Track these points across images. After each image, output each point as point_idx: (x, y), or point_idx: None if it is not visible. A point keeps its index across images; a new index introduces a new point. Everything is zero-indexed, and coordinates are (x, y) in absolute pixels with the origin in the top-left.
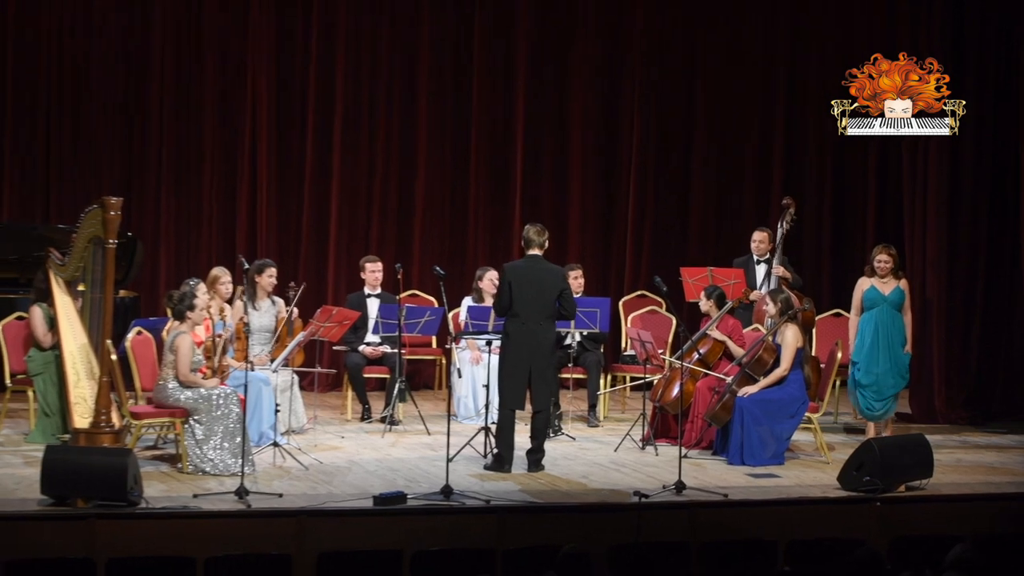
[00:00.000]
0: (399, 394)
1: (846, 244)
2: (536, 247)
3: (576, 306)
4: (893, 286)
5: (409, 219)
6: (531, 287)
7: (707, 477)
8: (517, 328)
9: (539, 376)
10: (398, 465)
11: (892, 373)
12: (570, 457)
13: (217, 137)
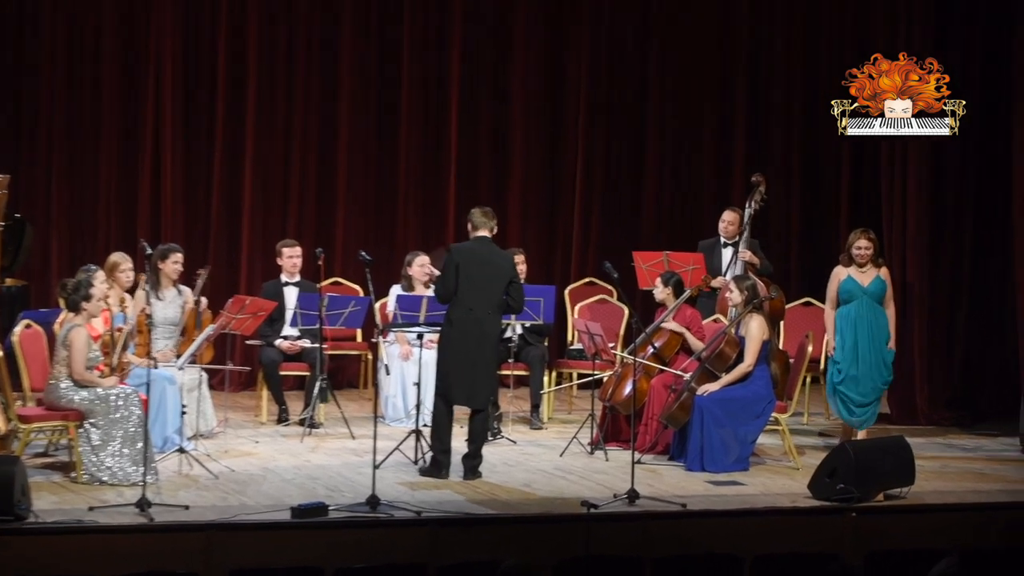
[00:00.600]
0: (320, 393)
1: (817, 227)
2: (485, 229)
3: (524, 298)
4: (873, 275)
5: (331, 200)
6: (480, 272)
7: (663, 485)
8: (463, 316)
9: (483, 371)
10: (319, 473)
11: (876, 374)
12: (511, 463)
13: (116, 109)
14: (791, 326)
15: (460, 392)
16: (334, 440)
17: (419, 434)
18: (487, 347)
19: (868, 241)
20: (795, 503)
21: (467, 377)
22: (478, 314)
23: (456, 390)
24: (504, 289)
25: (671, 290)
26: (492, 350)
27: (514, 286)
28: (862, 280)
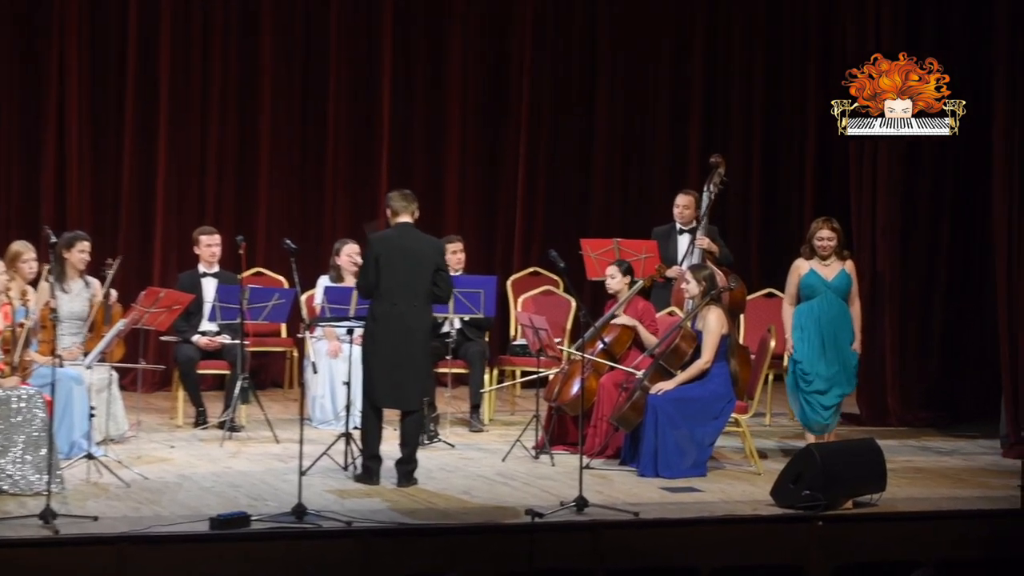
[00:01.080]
0: (241, 394)
1: (780, 213)
2: (405, 214)
3: (452, 286)
4: (837, 269)
5: (252, 184)
6: (402, 261)
7: (614, 491)
8: (385, 311)
9: (410, 369)
10: (240, 480)
11: (840, 376)
12: (449, 468)
13: (15, 82)
14: (752, 319)
15: (385, 394)
16: (257, 445)
17: (349, 437)
18: (414, 343)
19: (832, 231)
20: (756, 511)
21: (392, 377)
22: (401, 308)
23: (380, 392)
24: (430, 278)
25: (628, 279)
26: (421, 346)
27: (441, 274)
28: (825, 274)
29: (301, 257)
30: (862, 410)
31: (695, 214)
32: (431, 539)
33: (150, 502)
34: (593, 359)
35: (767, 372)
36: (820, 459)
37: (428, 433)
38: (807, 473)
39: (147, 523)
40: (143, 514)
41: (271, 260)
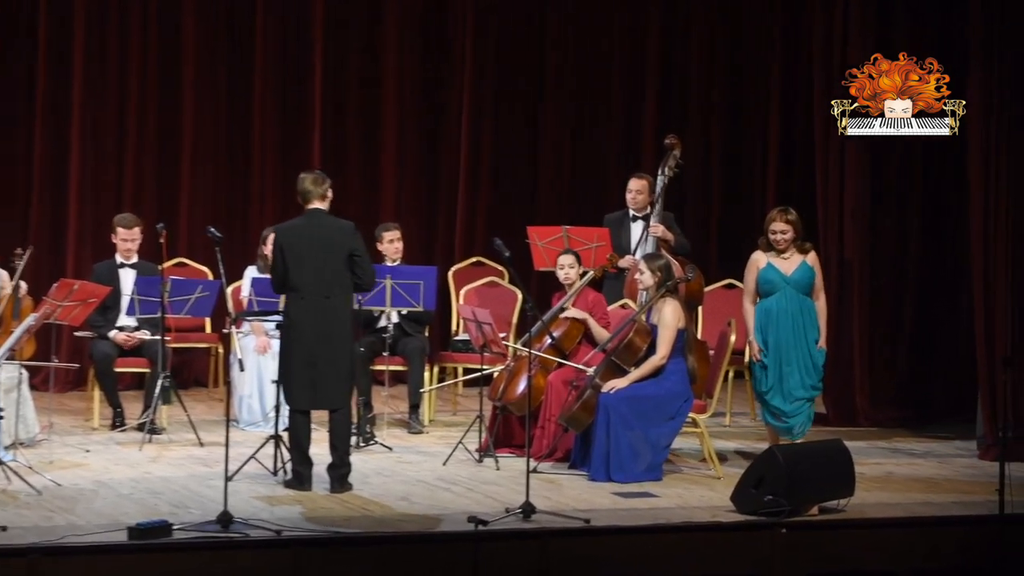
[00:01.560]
0: (162, 393)
1: (741, 198)
2: (316, 199)
3: (375, 273)
4: (798, 262)
5: (173, 167)
6: (310, 251)
7: (563, 497)
8: (296, 305)
9: (327, 367)
10: (161, 486)
11: (805, 377)
12: (386, 473)
13: None
14: (711, 312)
15: (301, 394)
16: (179, 448)
17: (279, 440)
18: (331, 339)
19: (786, 223)
20: (716, 517)
21: (307, 376)
22: (312, 301)
23: (297, 392)
24: (344, 266)
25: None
26: (339, 340)
27: (357, 260)
28: (785, 268)
29: (226, 246)
30: (828, 409)
31: (649, 199)
32: (366, 549)
33: (63, 510)
34: (541, 355)
35: (727, 369)
36: (784, 462)
37: (364, 435)
38: (770, 477)
39: (60, 533)
40: (56, 523)
41: (194, 249)
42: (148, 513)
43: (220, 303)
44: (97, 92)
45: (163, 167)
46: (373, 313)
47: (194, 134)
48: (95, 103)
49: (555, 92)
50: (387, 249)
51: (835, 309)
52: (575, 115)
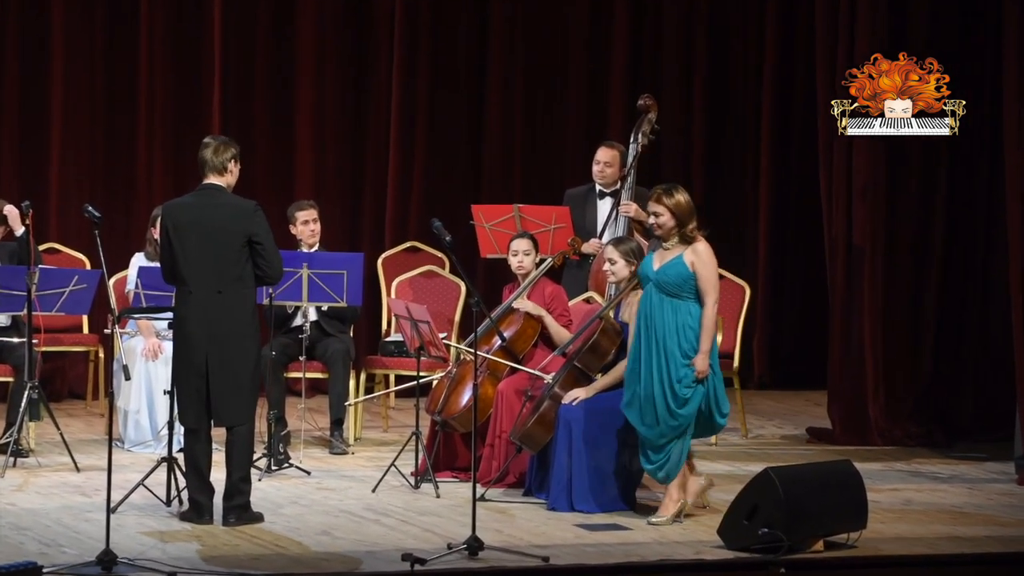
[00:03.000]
0: (29, 407)
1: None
2: (214, 172)
3: (282, 262)
4: (674, 254)
5: (42, 133)
6: (200, 235)
7: (516, 530)
8: (183, 301)
9: (221, 375)
10: (28, 520)
11: (650, 401)
12: (302, 502)
13: None
14: None
15: (191, 409)
16: (50, 473)
17: (173, 463)
18: (226, 341)
19: (663, 207)
20: (700, 555)
21: (194, 387)
22: (201, 296)
23: (186, 407)
24: (241, 255)
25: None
26: (237, 343)
27: (258, 248)
28: (655, 260)
29: (107, 228)
30: (835, 424)
31: (619, 173)
32: None
33: None
34: (489, 358)
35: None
36: (782, 487)
37: (276, 457)
38: (765, 506)
39: None
40: None
41: (67, 232)
42: (12, 554)
43: (100, 297)
44: None
45: (28, 134)
46: (286, 309)
47: (65, 93)
48: None
49: (503, 39)
50: (302, 232)
51: (843, 304)
52: (526, 71)
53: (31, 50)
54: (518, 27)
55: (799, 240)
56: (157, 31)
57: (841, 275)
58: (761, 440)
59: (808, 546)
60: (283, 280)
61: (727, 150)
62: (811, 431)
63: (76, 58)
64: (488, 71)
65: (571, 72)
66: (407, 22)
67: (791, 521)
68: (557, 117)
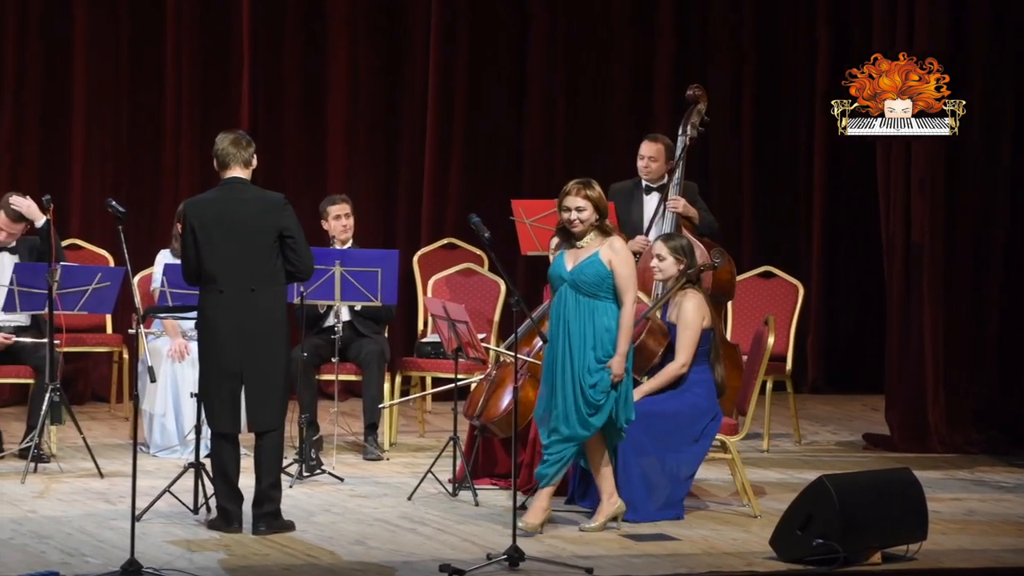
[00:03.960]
0: (51, 411)
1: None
2: (238, 165)
3: (313, 257)
4: (589, 252)
5: (63, 124)
6: (228, 231)
7: (559, 540)
8: (212, 302)
9: (255, 379)
10: (50, 529)
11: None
12: (335, 510)
13: None
14: (743, 308)
15: (222, 414)
16: (72, 480)
17: (200, 469)
18: (258, 341)
19: (585, 199)
20: (751, 567)
21: (228, 390)
22: (232, 294)
23: (219, 411)
24: (272, 250)
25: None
26: (269, 344)
27: (289, 242)
28: (568, 260)
29: (132, 224)
30: (893, 431)
31: (666, 167)
32: None
33: None
34: (531, 361)
35: (764, 379)
36: (837, 496)
37: (308, 462)
38: (820, 515)
39: None
40: None
41: (90, 228)
42: (33, 563)
43: (124, 296)
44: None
45: (49, 124)
46: (318, 309)
47: (88, 83)
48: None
49: (545, 26)
50: (334, 228)
51: (901, 305)
52: (569, 61)
53: (54, 42)
54: (560, 13)
55: (854, 237)
56: (184, 21)
57: (899, 273)
58: (815, 447)
59: (865, 558)
60: (315, 278)
61: (778, 143)
62: (868, 437)
63: (100, 50)
64: (529, 59)
65: (615, 61)
66: (444, 8)
67: (847, 532)
68: (601, 108)
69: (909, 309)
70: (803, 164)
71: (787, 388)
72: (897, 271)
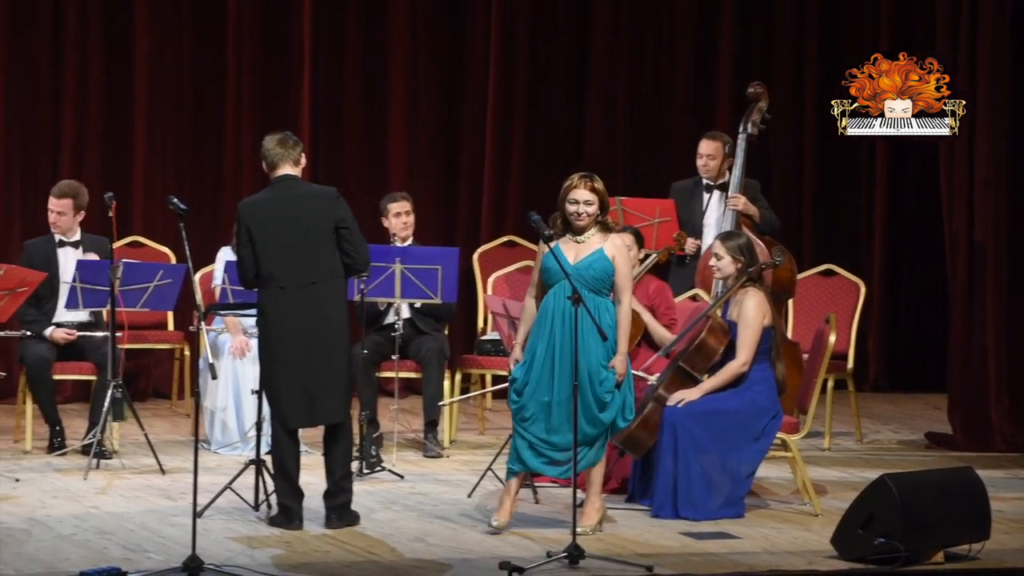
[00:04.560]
0: (113, 407)
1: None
2: (288, 164)
3: (368, 249)
4: (592, 247)
5: (125, 121)
6: (285, 228)
7: (619, 538)
8: (273, 299)
9: (320, 373)
10: (112, 525)
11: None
12: (396, 506)
13: None
14: (804, 306)
15: (292, 409)
16: (134, 476)
17: (261, 466)
18: (320, 336)
19: (592, 193)
20: (813, 565)
21: (296, 386)
22: (293, 291)
23: (289, 407)
24: (330, 244)
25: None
26: (333, 338)
27: (345, 233)
28: (572, 254)
29: (193, 221)
30: (956, 430)
31: (725, 164)
32: None
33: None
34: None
35: (825, 377)
36: (899, 495)
37: (368, 459)
38: (882, 514)
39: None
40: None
41: (152, 226)
42: (95, 559)
43: (186, 293)
44: (24, 33)
45: (111, 122)
46: (378, 306)
47: (150, 82)
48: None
49: (606, 23)
50: (394, 225)
51: (964, 303)
52: (632, 54)
53: (116, 39)
54: (622, 10)
55: (917, 235)
56: (245, 18)
57: (962, 272)
58: (877, 445)
59: (927, 557)
60: (375, 276)
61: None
62: (930, 436)
63: (161, 49)
64: (590, 56)
65: (677, 58)
66: (504, 9)
67: (909, 531)
68: (662, 104)
69: (972, 308)
70: (865, 162)
71: (848, 386)
72: (960, 270)
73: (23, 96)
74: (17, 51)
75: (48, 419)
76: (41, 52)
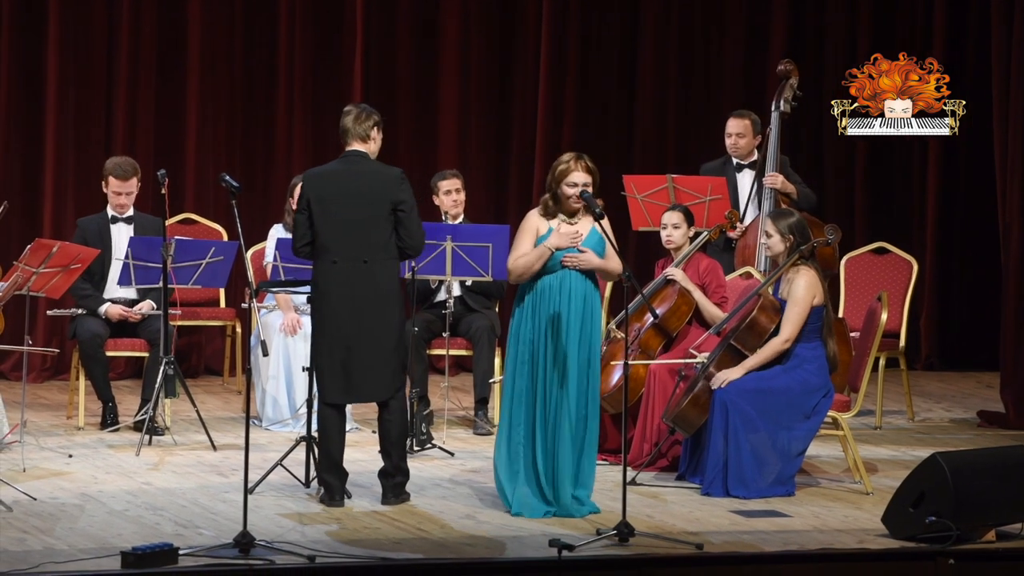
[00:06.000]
0: (165, 384)
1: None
2: (356, 139)
3: (424, 233)
4: (585, 228)
5: (178, 98)
6: (345, 203)
7: (669, 516)
8: (326, 273)
9: (368, 350)
10: (164, 501)
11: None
12: (446, 484)
13: None
14: (856, 285)
15: (334, 384)
16: (186, 452)
17: (312, 442)
18: (371, 313)
19: (588, 174)
20: (863, 544)
21: (342, 362)
22: (346, 267)
23: (329, 382)
24: (387, 223)
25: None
26: (383, 315)
27: (403, 215)
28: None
29: (245, 198)
30: (1008, 407)
31: (754, 142)
32: None
33: (40, 531)
34: (641, 338)
35: (876, 355)
36: (950, 474)
37: (419, 437)
38: (933, 492)
39: (36, 560)
40: (30, 547)
41: (204, 202)
42: (148, 535)
43: (237, 270)
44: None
45: (163, 96)
46: (429, 284)
47: (201, 59)
48: (76, 22)
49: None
50: (445, 203)
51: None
52: (683, 29)
53: (168, 20)
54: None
55: (970, 212)
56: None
57: (1015, 250)
58: (928, 424)
59: (979, 536)
60: (426, 253)
61: None
62: (982, 414)
63: (214, 26)
64: (641, 31)
65: (728, 34)
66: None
67: (960, 509)
68: (713, 81)
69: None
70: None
71: (900, 365)
72: (1014, 249)
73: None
74: (72, 30)
75: (101, 395)
76: (96, 33)
